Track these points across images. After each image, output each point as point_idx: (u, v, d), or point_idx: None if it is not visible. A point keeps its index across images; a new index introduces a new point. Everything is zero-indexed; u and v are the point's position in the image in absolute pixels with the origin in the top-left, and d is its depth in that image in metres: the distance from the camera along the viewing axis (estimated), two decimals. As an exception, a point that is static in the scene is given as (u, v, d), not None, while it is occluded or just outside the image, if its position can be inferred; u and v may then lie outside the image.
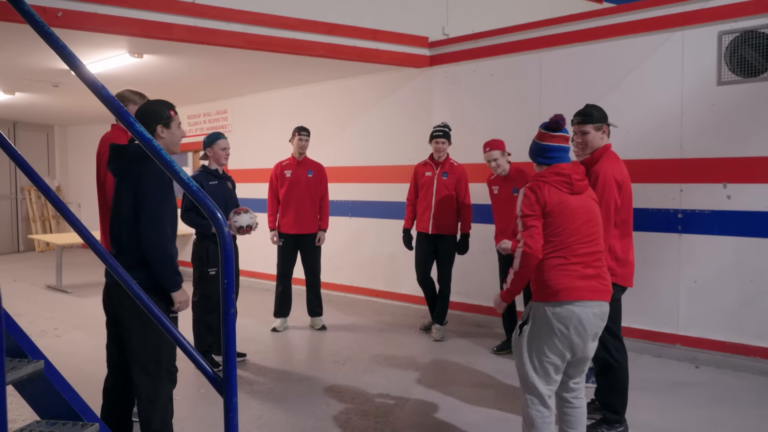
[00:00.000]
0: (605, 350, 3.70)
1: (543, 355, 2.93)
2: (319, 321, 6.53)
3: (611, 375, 3.73)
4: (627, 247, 3.74)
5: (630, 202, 3.76)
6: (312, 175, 6.36)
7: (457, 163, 6.03)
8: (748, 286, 4.90)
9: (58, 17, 4.68)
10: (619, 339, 3.77)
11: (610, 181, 3.57)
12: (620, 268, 3.68)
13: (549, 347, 2.91)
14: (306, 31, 5.98)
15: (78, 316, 7.02)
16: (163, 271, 3.02)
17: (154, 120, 3.17)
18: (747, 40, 4.81)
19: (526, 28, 6.16)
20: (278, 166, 6.44)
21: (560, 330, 2.88)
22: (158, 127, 3.17)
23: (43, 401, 2.39)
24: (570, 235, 2.94)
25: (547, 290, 2.92)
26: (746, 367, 4.89)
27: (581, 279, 2.91)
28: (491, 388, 4.66)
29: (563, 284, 2.89)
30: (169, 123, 3.21)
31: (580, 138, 3.80)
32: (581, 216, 2.98)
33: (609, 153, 3.71)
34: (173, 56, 6.34)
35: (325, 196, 6.45)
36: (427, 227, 5.97)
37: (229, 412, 2.22)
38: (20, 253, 13.05)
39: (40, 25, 2.21)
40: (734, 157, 4.93)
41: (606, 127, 3.74)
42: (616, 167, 3.66)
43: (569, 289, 2.88)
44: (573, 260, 2.92)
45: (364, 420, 4.08)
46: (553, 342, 2.90)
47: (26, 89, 8.51)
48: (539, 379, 2.95)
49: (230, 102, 9.42)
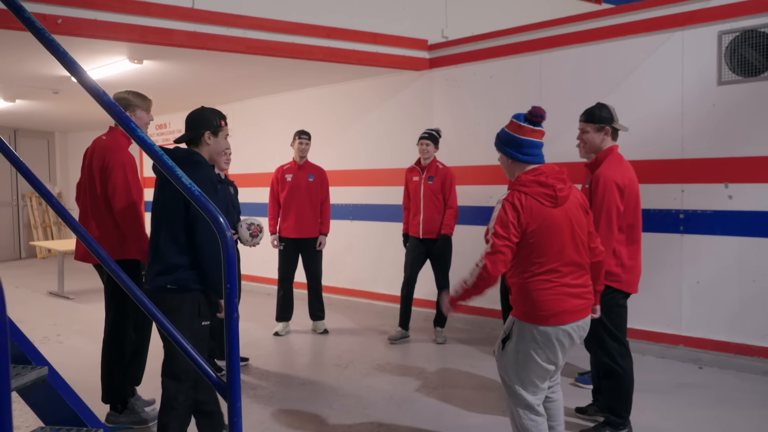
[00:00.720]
0: (609, 356, 3.67)
1: (529, 370, 2.87)
2: (321, 325, 6.52)
3: (616, 380, 3.70)
4: (634, 253, 3.65)
5: (637, 206, 3.65)
6: (313, 179, 6.36)
7: (443, 166, 5.99)
8: (750, 286, 4.89)
9: (58, 24, 4.69)
10: (624, 344, 3.73)
11: (611, 185, 3.49)
12: (626, 274, 3.61)
13: (535, 363, 2.85)
14: (305, 35, 5.99)
15: (80, 322, 7.01)
16: (216, 279, 3.03)
17: (204, 126, 3.24)
18: (747, 39, 4.81)
19: (525, 30, 6.17)
20: (279, 170, 6.45)
21: (548, 347, 2.82)
22: (206, 133, 3.23)
23: (47, 407, 2.39)
24: (555, 254, 2.78)
25: (536, 314, 2.80)
26: (749, 367, 4.88)
27: (569, 298, 2.80)
28: (494, 390, 4.65)
29: (553, 309, 2.78)
30: (217, 131, 3.28)
31: (579, 136, 3.77)
32: (566, 230, 2.81)
33: (613, 156, 3.63)
34: (173, 62, 6.35)
35: (326, 201, 6.44)
36: (417, 231, 5.95)
37: (233, 416, 2.21)
38: (22, 260, 13.06)
39: (41, 32, 2.21)
40: (735, 157, 4.92)
41: (608, 129, 3.67)
42: (619, 171, 3.57)
43: (559, 314, 2.79)
44: (559, 281, 2.79)
45: (367, 424, 4.07)
46: (540, 358, 2.84)
47: (27, 96, 8.52)
48: (527, 391, 2.90)
49: (230, 107, 9.42)
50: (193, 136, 3.25)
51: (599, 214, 3.47)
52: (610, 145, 3.69)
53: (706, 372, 4.98)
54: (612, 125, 3.69)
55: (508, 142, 2.92)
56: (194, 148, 3.27)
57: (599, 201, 3.49)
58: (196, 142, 3.27)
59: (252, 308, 7.54)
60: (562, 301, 2.79)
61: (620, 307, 3.71)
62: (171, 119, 10.55)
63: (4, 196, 12.87)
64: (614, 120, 3.71)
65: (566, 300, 2.80)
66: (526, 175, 2.85)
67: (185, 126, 3.31)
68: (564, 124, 5.88)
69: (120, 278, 2.51)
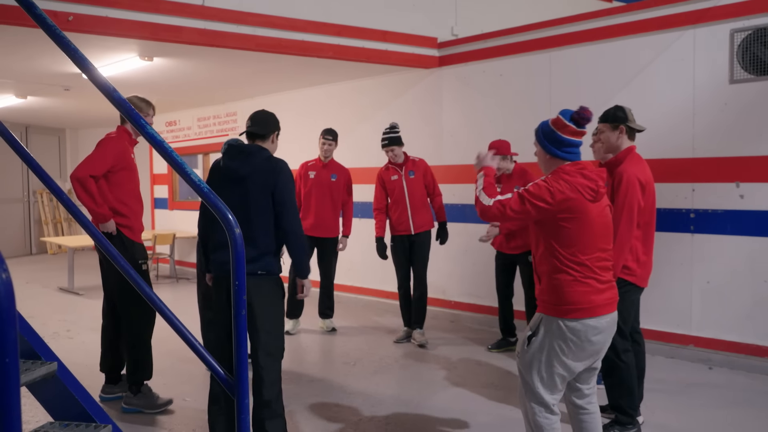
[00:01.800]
0: (612, 351, 3.66)
1: (553, 368, 2.84)
2: (330, 323, 6.52)
3: (617, 375, 3.70)
4: (648, 249, 3.74)
5: (653, 204, 3.73)
6: (336, 179, 6.30)
7: (418, 159, 5.97)
8: (762, 286, 4.85)
9: (69, 21, 4.70)
10: (628, 339, 3.73)
11: (634, 182, 3.55)
12: (640, 269, 3.68)
13: (559, 361, 2.82)
14: (315, 33, 5.98)
15: (90, 318, 7.05)
16: (303, 260, 3.45)
17: (276, 127, 3.53)
18: (759, 37, 4.77)
19: (535, 28, 6.14)
20: (304, 165, 6.41)
21: (575, 343, 2.79)
22: (274, 133, 3.51)
23: (57, 403, 2.39)
24: (585, 247, 2.78)
25: (563, 307, 2.79)
26: (760, 368, 4.84)
27: (597, 293, 2.79)
28: (502, 389, 4.64)
29: (582, 303, 2.77)
30: (278, 134, 3.56)
31: (596, 137, 3.86)
32: (598, 226, 2.81)
33: (633, 155, 3.71)
34: (183, 59, 6.36)
35: (348, 202, 6.39)
36: (408, 228, 5.82)
37: (240, 413, 2.22)
38: (33, 256, 13.15)
39: (52, 28, 2.22)
40: (747, 156, 4.88)
41: (623, 128, 3.71)
42: (640, 168, 3.65)
43: (588, 308, 2.77)
44: (588, 274, 2.78)
45: (375, 421, 4.07)
46: (566, 355, 2.81)
47: (38, 93, 8.57)
48: (545, 389, 2.88)
49: (240, 104, 9.44)
50: (266, 132, 3.46)
51: (621, 210, 3.53)
52: (629, 145, 3.74)
53: (716, 372, 4.94)
54: (627, 124, 3.73)
55: (551, 139, 2.89)
56: (260, 143, 3.45)
57: (622, 197, 3.55)
58: (263, 139, 3.46)
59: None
60: (590, 295, 2.78)
61: (632, 301, 3.74)
62: (181, 116, 10.59)
63: (15, 193, 12.96)
64: (629, 119, 3.75)
65: (593, 294, 2.79)
66: (570, 167, 2.85)
67: (255, 122, 3.46)
68: (574, 123, 5.85)
69: (129, 274, 2.52)
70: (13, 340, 1.27)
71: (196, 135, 10.29)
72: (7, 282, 1.26)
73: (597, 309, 2.79)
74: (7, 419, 1.29)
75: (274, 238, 3.33)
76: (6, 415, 1.29)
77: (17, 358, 1.28)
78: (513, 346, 5.67)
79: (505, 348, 5.65)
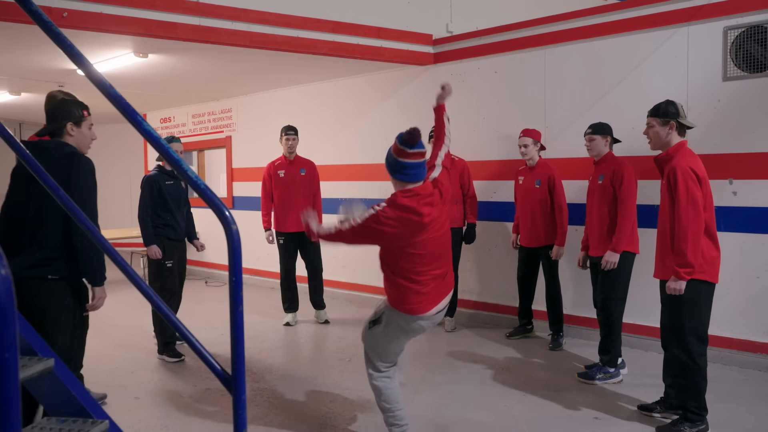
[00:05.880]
0: (686, 353, 3.63)
1: (391, 346, 3.40)
2: (323, 314, 6.62)
3: (691, 377, 3.66)
4: (714, 243, 3.63)
5: (711, 198, 3.64)
6: (305, 173, 6.44)
7: (458, 158, 6.09)
8: (754, 282, 4.89)
9: (63, 17, 4.69)
10: (705, 343, 3.68)
11: (689, 173, 3.49)
12: (707, 265, 3.59)
13: (398, 342, 3.42)
14: (310, 30, 5.98)
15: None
16: (93, 266, 3.17)
17: (65, 117, 3.24)
18: (753, 35, 4.79)
19: (530, 25, 6.15)
20: (271, 165, 6.50)
21: (412, 331, 3.36)
22: (68, 124, 3.24)
23: (53, 399, 2.40)
24: (417, 265, 3.21)
25: (402, 305, 3.26)
26: (753, 363, 4.89)
27: (418, 296, 3.24)
28: (496, 386, 4.66)
29: (413, 303, 3.24)
30: (80, 122, 3.27)
31: (645, 131, 3.81)
32: (433, 247, 3.20)
33: (685, 149, 3.65)
34: (178, 55, 6.35)
35: (317, 194, 6.52)
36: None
37: (237, 409, 2.23)
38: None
39: (48, 24, 2.22)
40: (740, 153, 4.91)
41: (673, 123, 3.66)
42: (694, 161, 3.58)
43: (417, 308, 3.25)
44: (417, 284, 3.24)
45: (370, 416, 4.08)
46: (403, 339, 3.42)
47: (32, 89, 8.53)
48: (383, 362, 3.43)
49: (234, 101, 9.43)
50: (55, 128, 3.24)
51: (681, 205, 3.48)
52: (680, 141, 3.70)
53: (709, 368, 4.89)
54: (678, 120, 3.69)
55: (393, 166, 3.24)
56: (59, 138, 3.24)
57: (682, 192, 3.48)
58: (59, 134, 3.25)
59: (255, 302, 7.57)
60: (420, 297, 3.28)
61: (708, 301, 3.69)
62: (175, 113, 10.56)
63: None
64: (680, 115, 3.70)
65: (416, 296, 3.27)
66: (401, 197, 3.14)
67: (46, 118, 3.28)
68: (568, 120, 5.87)
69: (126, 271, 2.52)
70: (12, 335, 1.27)
71: (191, 132, 10.28)
72: (6, 279, 1.26)
73: (423, 306, 3.30)
74: (6, 414, 1.30)
75: (70, 241, 3.09)
76: (6, 410, 1.29)
77: (17, 353, 1.29)
78: (530, 333, 5.93)
79: (521, 335, 5.86)
